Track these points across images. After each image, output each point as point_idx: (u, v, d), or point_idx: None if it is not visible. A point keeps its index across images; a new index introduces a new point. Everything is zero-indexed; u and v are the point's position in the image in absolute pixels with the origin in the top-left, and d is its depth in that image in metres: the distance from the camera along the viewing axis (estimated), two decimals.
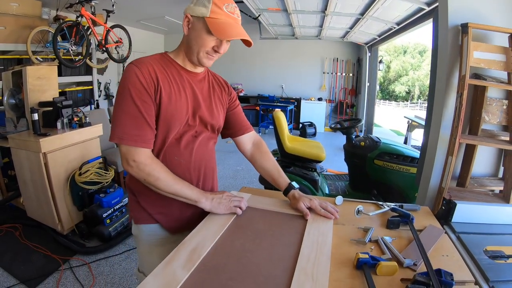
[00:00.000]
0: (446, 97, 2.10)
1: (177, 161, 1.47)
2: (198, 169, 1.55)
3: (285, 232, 1.36)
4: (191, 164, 1.51)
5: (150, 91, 1.32)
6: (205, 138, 1.56)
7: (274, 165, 1.75)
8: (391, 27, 6.73)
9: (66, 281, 2.89)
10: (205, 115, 1.51)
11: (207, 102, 1.53)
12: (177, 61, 1.46)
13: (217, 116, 1.58)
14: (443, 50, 2.16)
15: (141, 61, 1.36)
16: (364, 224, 1.43)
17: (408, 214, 1.42)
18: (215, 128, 1.60)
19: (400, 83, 43.08)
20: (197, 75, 1.52)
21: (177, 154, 1.47)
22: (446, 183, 2.00)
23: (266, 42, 10.90)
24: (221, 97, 1.63)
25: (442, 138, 2.12)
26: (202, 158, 1.56)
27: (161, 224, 1.54)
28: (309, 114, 10.83)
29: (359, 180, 3.82)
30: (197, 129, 1.51)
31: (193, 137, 1.50)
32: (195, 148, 1.51)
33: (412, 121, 7.08)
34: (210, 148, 1.63)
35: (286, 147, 3.77)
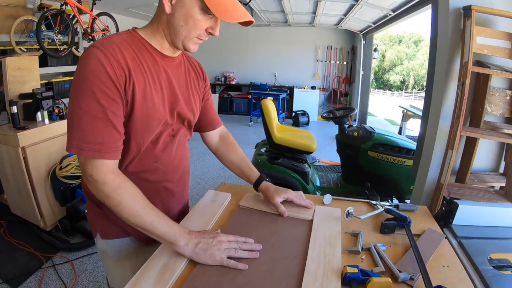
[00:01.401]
0: (446, 86, 1.94)
1: (155, 167, 1.26)
2: (178, 173, 1.37)
3: (287, 241, 1.17)
4: (170, 168, 1.31)
5: (120, 86, 1.03)
6: (182, 136, 1.36)
7: (243, 158, 1.59)
8: (386, 14, 6.56)
9: (48, 280, 2.81)
10: (184, 111, 1.28)
11: (185, 94, 1.30)
12: (151, 44, 1.16)
13: (195, 110, 1.37)
14: (443, 36, 2.00)
15: (107, 44, 1.04)
16: (353, 228, 1.27)
17: (405, 217, 1.25)
18: (192, 124, 1.40)
19: (395, 73, 43.34)
20: (174, 60, 1.25)
21: (155, 159, 1.24)
22: (446, 179, 1.84)
23: (258, 29, 10.84)
24: (197, 86, 1.39)
25: (441, 130, 1.97)
26: (181, 160, 1.38)
27: (134, 236, 1.31)
28: (302, 103, 10.72)
29: (352, 172, 3.66)
30: (174, 127, 1.29)
31: (171, 136, 1.29)
32: (174, 150, 1.31)
33: (407, 110, 6.97)
34: (187, 147, 1.45)
35: (274, 138, 3.61)
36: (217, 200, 1.48)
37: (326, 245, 1.12)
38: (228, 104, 11.68)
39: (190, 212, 1.37)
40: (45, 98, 3.50)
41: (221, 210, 1.40)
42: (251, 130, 9.03)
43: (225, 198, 1.48)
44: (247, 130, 9.10)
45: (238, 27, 10.84)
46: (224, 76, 11.87)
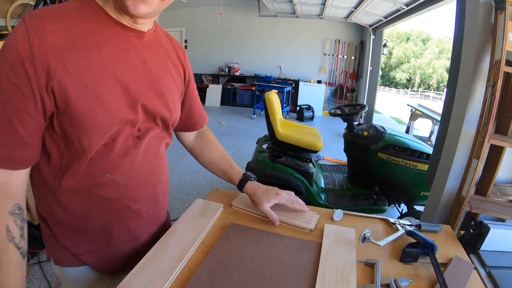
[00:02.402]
0: (472, 87, 1.73)
1: (110, 179, 0.96)
2: (147, 189, 1.08)
3: (288, 274, 0.93)
4: (134, 182, 1.02)
5: (36, 71, 0.78)
6: (154, 139, 1.06)
7: (223, 156, 1.40)
8: (399, 7, 6.33)
9: (33, 278, 2.67)
10: (153, 104, 0.99)
11: (157, 82, 1.01)
12: (107, 10, 0.89)
13: (171, 105, 1.08)
14: (471, 31, 1.79)
15: (40, 14, 0.81)
16: (367, 255, 1.06)
17: (432, 244, 1.04)
18: (169, 123, 1.10)
19: (401, 70, 43.33)
20: (143, 36, 0.97)
21: (110, 168, 0.96)
22: (468, 192, 1.63)
23: (265, 19, 10.68)
24: (176, 75, 1.11)
25: (464, 136, 1.75)
26: (152, 172, 1.08)
27: (91, 266, 1.08)
28: (308, 97, 10.58)
29: (360, 174, 3.45)
30: (140, 125, 0.99)
31: (134, 139, 0.99)
32: (139, 157, 1.01)
33: (416, 109, 6.73)
34: (162, 155, 1.14)
35: (278, 134, 3.40)
36: (206, 213, 1.23)
37: (338, 281, 0.89)
38: (231, 96, 11.57)
39: (172, 227, 1.14)
40: None
41: (209, 225, 1.17)
42: (254, 123, 8.84)
43: (215, 210, 1.25)
44: (250, 123, 8.92)
45: (244, 17, 10.73)
46: (228, 66, 11.73)
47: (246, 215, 1.28)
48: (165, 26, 10.10)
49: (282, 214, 1.23)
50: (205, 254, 1.02)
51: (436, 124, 6.13)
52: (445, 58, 40.78)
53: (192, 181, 4.65)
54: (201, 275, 0.91)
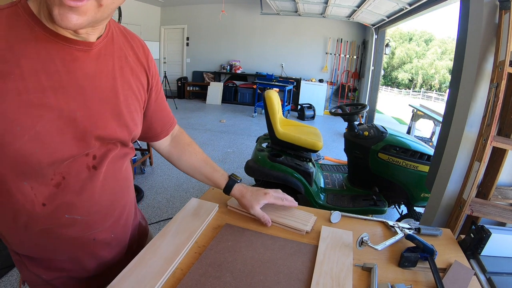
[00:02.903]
0: (475, 88, 1.69)
1: (70, 219, 0.85)
2: (111, 216, 0.98)
3: (282, 279, 0.89)
4: (96, 217, 0.91)
5: None
6: (114, 161, 0.93)
7: (203, 159, 1.27)
8: (402, 7, 6.28)
9: None
10: (109, 130, 0.86)
11: (112, 102, 0.86)
12: (42, 20, 0.71)
13: (131, 124, 0.93)
14: (475, 31, 1.75)
15: None
16: (365, 259, 1.02)
17: (432, 249, 1.00)
18: (129, 143, 0.98)
19: (404, 70, 43.28)
20: (90, 47, 0.79)
21: (66, 209, 0.84)
22: (469, 195, 1.60)
23: (267, 18, 10.67)
24: (137, 83, 0.95)
25: (466, 138, 1.72)
26: (114, 200, 0.97)
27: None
28: (309, 96, 10.55)
29: (360, 174, 3.41)
30: (95, 152, 0.86)
31: (90, 170, 0.86)
32: (98, 189, 0.89)
33: (417, 110, 6.69)
34: (125, 175, 1.02)
35: (277, 133, 3.36)
36: (200, 213, 1.20)
37: (334, 287, 0.87)
38: (232, 94, 11.55)
39: (165, 227, 1.11)
40: None
41: (204, 225, 1.14)
42: (255, 122, 8.80)
43: (210, 210, 1.22)
44: (251, 121, 8.88)
45: (246, 15, 10.69)
46: (229, 64, 11.69)
47: (241, 215, 1.25)
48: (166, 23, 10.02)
49: (278, 215, 1.20)
50: (198, 255, 0.99)
51: (437, 125, 6.09)
52: (447, 59, 40.72)
53: (190, 179, 4.61)
54: (193, 277, 0.88)
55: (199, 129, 7.39)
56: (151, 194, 4.16)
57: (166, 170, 4.88)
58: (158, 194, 4.17)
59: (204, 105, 11.22)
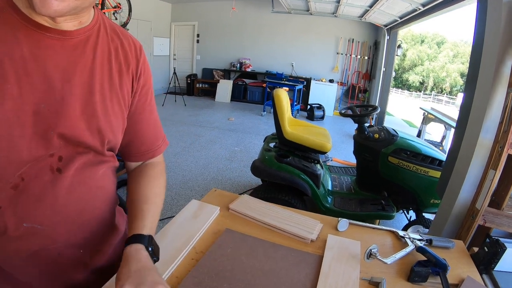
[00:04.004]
0: (492, 92, 1.62)
1: (29, 228, 0.74)
2: (79, 232, 0.85)
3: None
4: (59, 228, 0.79)
5: None
6: (84, 168, 0.81)
7: (147, 196, 0.94)
8: (415, 8, 6.17)
9: None
10: (75, 130, 0.76)
11: (86, 99, 0.77)
12: (18, 6, 0.67)
13: (109, 131, 0.84)
14: (493, 33, 1.68)
15: None
16: (372, 272, 0.96)
17: (444, 264, 0.94)
18: (104, 149, 0.85)
19: (415, 73, 43.04)
20: (66, 36, 0.73)
21: (25, 215, 0.73)
22: (483, 204, 1.53)
23: (278, 16, 10.61)
24: (119, 87, 0.86)
25: (481, 144, 1.65)
26: (83, 211, 0.84)
27: None
28: (319, 96, 10.46)
29: (368, 178, 3.33)
30: (61, 153, 0.76)
31: (53, 173, 0.76)
32: (62, 196, 0.77)
33: (428, 113, 6.59)
34: (101, 184, 0.88)
35: (285, 133, 3.29)
36: (200, 216, 1.15)
37: None
38: (242, 92, 11.50)
39: (162, 230, 1.06)
40: None
41: (203, 229, 1.09)
42: (263, 120, 8.75)
43: (211, 213, 1.17)
44: (259, 120, 8.82)
45: (257, 12, 10.63)
46: (239, 62, 11.65)
47: (244, 220, 1.20)
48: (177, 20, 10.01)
49: (282, 221, 1.14)
50: (195, 261, 0.94)
51: (448, 129, 5.99)
52: (459, 62, 40.38)
53: (197, 177, 4.58)
54: (187, 286, 0.83)
55: (207, 127, 7.36)
56: None
57: (172, 167, 4.84)
58: None
59: (213, 102, 11.19)
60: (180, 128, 7.02)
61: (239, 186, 4.36)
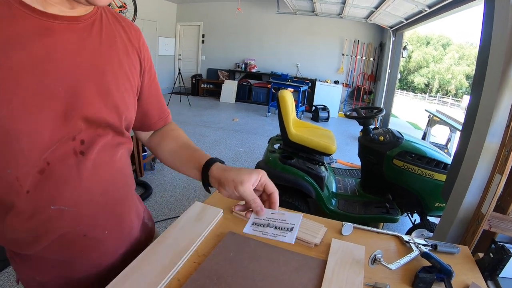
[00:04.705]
0: (499, 95, 1.60)
1: (56, 211, 0.78)
2: (102, 212, 0.89)
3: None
4: (84, 209, 0.83)
5: None
6: (105, 149, 0.86)
7: (185, 141, 1.10)
8: (421, 9, 6.14)
9: None
10: (95, 110, 0.80)
11: (100, 80, 0.81)
12: (27, 2, 0.68)
13: (123, 105, 0.88)
14: (500, 34, 1.66)
15: None
16: (376, 277, 0.95)
17: (449, 270, 0.93)
18: (122, 129, 0.91)
19: (420, 75, 42.96)
20: (76, 21, 0.77)
21: (52, 198, 0.77)
22: (489, 209, 1.52)
23: (283, 17, 10.63)
24: (129, 64, 0.91)
25: (487, 148, 1.63)
26: (105, 191, 0.88)
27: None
28: (324, 97, 10.47)
29: (373, 180, 3.31)
30: (82, 137, 0.79)
31: (77, 156, 0.79)
32: (85, 178, 0.81)
33: (434, 115, 6.55)
34: (119, 165, 0.93)
35: (290, 134, 3.28)
36: (203, 218, 1.14)
37: None
38: (246, 92, 11.53)
39: (164, 233, 1.05)
40: None
41: (205, 232, 1.08)
42: (268, 121, 8.75)
43: (214, 216, 1.16)
44: (264, 120, 8.83)
45: (262, 13, 10.64)
46: (244, 63, 11.67)
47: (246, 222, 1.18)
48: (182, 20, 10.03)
49: None
50: (197, 265, 0.93)
51: (453, 132, 5.96)
52: (464, 64, 40.26)
53: None
54: None
55: (211, 127, 7.36)
56: (159, 191, 4.12)
57: None
58: (166, 192, 4.13)
59: (218, 103, 11.20)
60: (185, 128, 7.02)
61: None
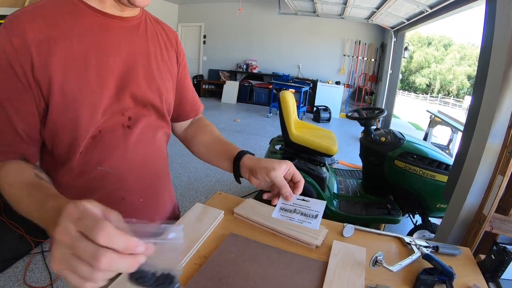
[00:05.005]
0: (500, 96, 1.60)
1: (102, 172, 0.93)
2: (142, 180, 1.03)
3: None
4: (126, 174, 0.97)
5: (22, 70, 0.78)
6: (147, 128, 1.01)
7: (218, 137, 1.22)
8: (423, 10, 6.15)
9: (34, 267, 2.64)
10: (142, 90, 0.96)
11: (146, 67, 0.98)
12: (88, 3, 0.87)
13: (163, 90, 1.03)
14: (502, 34, 1.66)
15: (17, 16, 0.80)
16: (377, 279, 0.95)
17: (451, 272, 0.93)
18: (163, 110, 1.05)
19: (421, 75, 42.89)
20: (127, 21, 0.95)
21: (99, 160, 0.92)
22: (490, 210, 1.51)
23: (284, 17, 10.64)
24: (168, 59, 1.08)
25: (489, 149, 1.63)
26: (145, 163, 1.02)
27: None
28: (325, 98, 10.47)
29: (374, 181, 3.32)
30: (130, 114, 0.95)
31: (124, 128, 0.94)
32: (130, 148, 0.96)
33: (435, 116, 6.54)
34: (159, 145, 1.08)
35: (291, 135, 3.29)
36: (204, 219, 1.14)
37: None
38: (248, 93, 11.54)
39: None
40: None
41: (206, 234, 1.08)
42: (269, 122, 8.75)
43: (215, 217, 1.15)
44: (265, 121, 8.83)
45: (263, 14, 10.65)
46: (246, 63, 11.67)
47: (248, 224, 1.18)
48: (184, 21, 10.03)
49: (286, 225, 1.12)
50: (198, 266, 0.93)
51: (455, 132, 5.95)
52: (466, 65, 40.20)
53: (202, 179, 4.58)
54: None
55: None
56: None
57: (177, 169, 4.85)
58: None
59: (219, 103, 11.21)
60: None
61: (244, 188, 4.34)
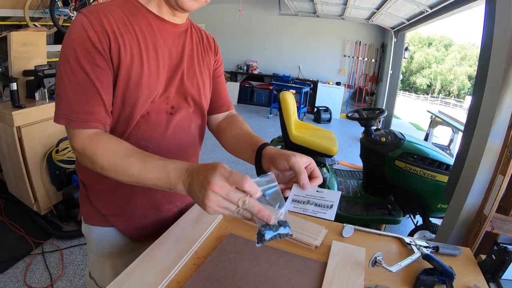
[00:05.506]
0: (501, 96, 1.59)
1: (144, 146, 1.07)
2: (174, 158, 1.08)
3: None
4: (162, 152, 1.07)
5: (104, 51, 0.94)
6: (185, 117, 1.18)
7: (246, 129, 1.25)
8: (423, 10, 6.14)
9: (35, 268, 2.67)
10: (185, 84, 1.14)
11: (188, 65, 1.16)
12: (149, 8, 1.06)
13: (201, 86, 1.20)
14: (501, 34, 1.66)
15: (93, 9, 0.96)
16: (377, 280, 0.94)
17: (451, 272, 0.92)
18: (201, 105, 1.23)
19: (422, 75, 42.80)
20: (177, 27, 1.14)
21: (144, 136, 1.09)
22: (491, 210, 1.50)
23: (284, 18, 10.63)
24: (207, 60, 1.26)
25: (489, 149, 1.62)
26: (179, 146, 1.19)
27: (117, 228, 1.22)
28: (326, 99, 10.46)
29: (375, 182, 3.31)
30: (173, 103, 1.14)
31: (167, 115, 1.13)
32: (170, 131, 1.14)
33: (436, 116, 6.54)
34: (193, 134, 1.25)
35: (291, 136, 3.29)
36: (203, 220, 1.14)
37: None
38: (248, 94, 11.52)
39: (165, 234, 1.05)
40: (48, 75, 3.30)
41: (205, 234, 1.07)
42: (270, 123, 8.76)
43: (214, 218, 1.15)
44: (266, 122, 8.84)
45: (264, 15, 10.64)
46: (246, 64, 11.67)
47: (247, 225, 1.18)
48: None
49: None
50: (197, 267, 0.93)
51: (456, 132, 5.94)
52: (466, 65, 40.15)
53: None
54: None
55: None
56: None
57: None
58: None
59: None
60: None
61: None
